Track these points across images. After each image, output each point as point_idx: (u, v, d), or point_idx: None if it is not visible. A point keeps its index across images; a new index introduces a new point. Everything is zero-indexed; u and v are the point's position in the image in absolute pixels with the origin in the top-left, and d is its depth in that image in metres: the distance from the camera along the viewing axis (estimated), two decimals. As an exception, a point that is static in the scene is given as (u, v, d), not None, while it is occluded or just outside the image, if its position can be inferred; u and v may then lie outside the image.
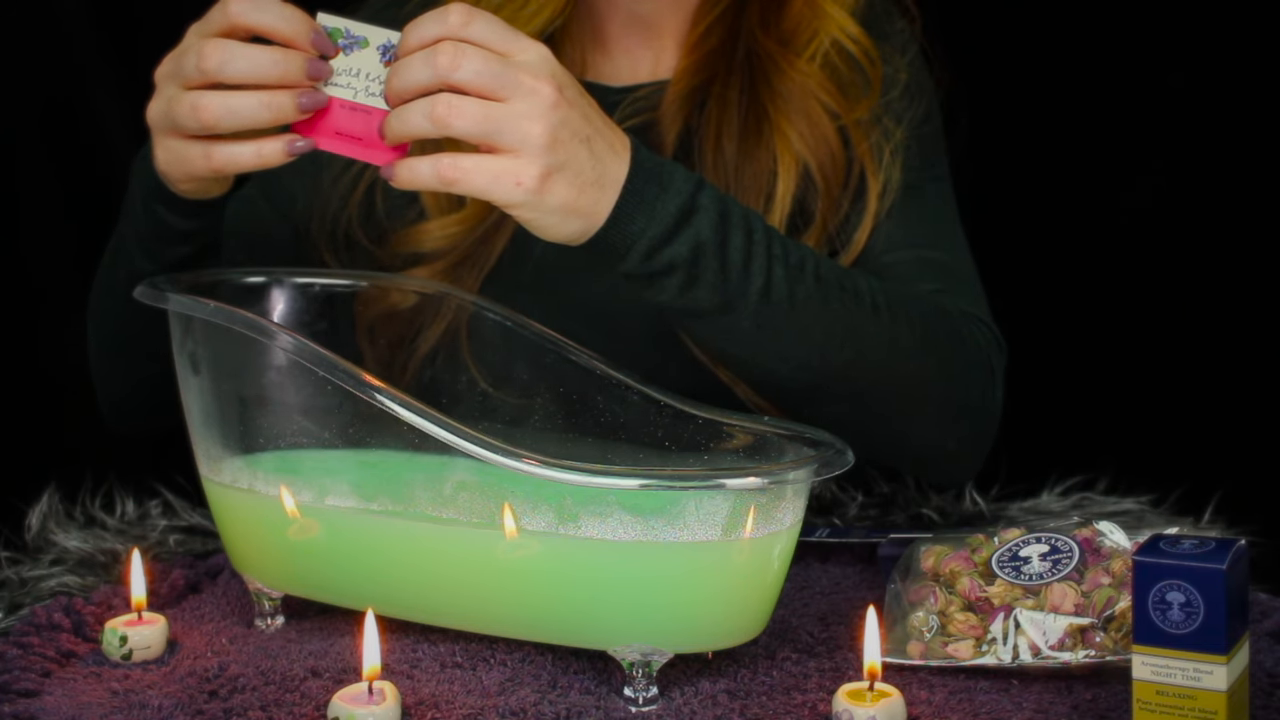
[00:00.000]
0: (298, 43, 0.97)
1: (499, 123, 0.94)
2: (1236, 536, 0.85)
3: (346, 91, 0.98)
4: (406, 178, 0.96)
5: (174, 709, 0.89)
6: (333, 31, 0.98)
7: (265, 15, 0.97)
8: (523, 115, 0.94)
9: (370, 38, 0.98)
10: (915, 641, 0.94)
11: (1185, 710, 0.81)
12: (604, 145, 0.98)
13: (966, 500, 1.18)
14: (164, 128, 1.01)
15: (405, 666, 0.94)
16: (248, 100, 0.97)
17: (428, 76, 0.94)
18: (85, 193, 1.72)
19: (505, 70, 0.94)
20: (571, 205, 0.97)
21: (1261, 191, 1.68)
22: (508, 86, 0.94)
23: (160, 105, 1.00)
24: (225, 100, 0.97)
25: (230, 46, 0.97)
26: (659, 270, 1.01)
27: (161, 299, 0.98)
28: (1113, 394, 1.71)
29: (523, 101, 0.94)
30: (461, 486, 0.92)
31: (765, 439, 0.97)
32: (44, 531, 1.13)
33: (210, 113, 0.97)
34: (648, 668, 0.89)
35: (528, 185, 0.95)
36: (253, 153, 0.98)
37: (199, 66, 0.97)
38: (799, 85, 1.21)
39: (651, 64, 1.28)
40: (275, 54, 0.97)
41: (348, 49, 0.98)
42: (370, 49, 0.98)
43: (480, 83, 0.94)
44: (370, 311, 1.16)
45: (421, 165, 0.95)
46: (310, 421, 0.98)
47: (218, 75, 0.96)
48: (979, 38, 1.57)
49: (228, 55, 0.96)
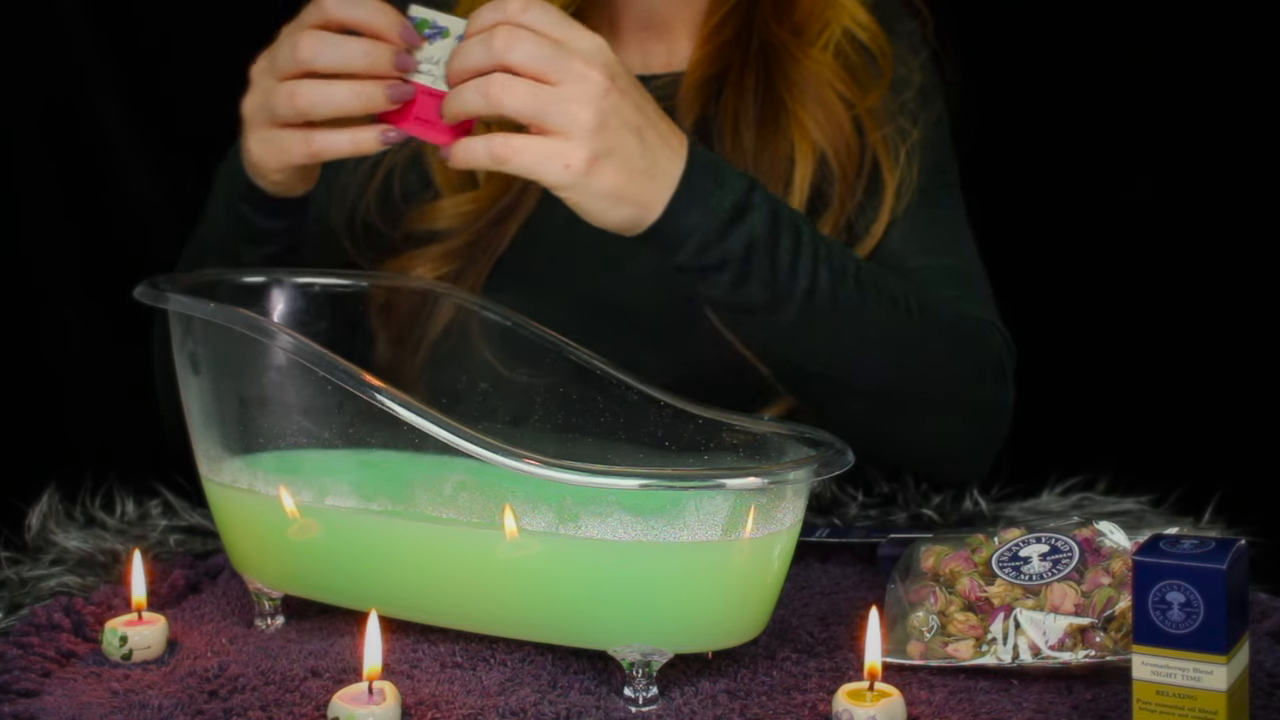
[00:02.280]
0: (386, 35, 1.02)
1: (548, 104, 0.97)
2: (1236, 536, 0.85)
3: (428, 79, 1.03)
4: (462, 156, 1.00)
5: (174, 709, 0.89)
6: (420, 23, 1.03)
7: (356, 9, 1.02)
8: (572, 99, 0.98)
9: (451, 27, 1.03)
10: (915, 641, 0.94)
11: (1185, 710, 0.81)
12: (657, 137, 1.02)
13: (966, 500, 1.18)
14: (260, 119, 1.05)
15: (405, 666, 0.94)
16: (341, 88, 1.01)
17: (484, 58, 0.98)
18: (85, 193, 1.73)
19: (557, 55, 0.98)
20: (620, 192, 1.00)
21: (1261, 192, 1.68)
22: (559, 70, 0.98)
23: (256, 98, 1.05)
24: (320, 87, 1.01)
25: (323, 37, 1.01)
26: (712, 264, 1.05)
27: (161, 299, 0.98)
28: (1113, 394, 1.71)
29: (573, 86, 0.98)
30: (461, 486, 0.92)
31: (765, 439, 0.97)
32: (44, 531, 1.13)
33: (305, 98, 1.01)
34: (648, 668, 0.89)
35: (575, 168, 0.98)
36: (348, 140, 1.03)
37: (294, 56, 1.01)
38: (813, 74, 1.23)
39: (665, 56, 1.29)
40: (364, 45, 1.01)
41: (432, 38, 1.02)
42: (451, 38, 1.02)
43: (533, 65, 0.97)
44: (372, 311, 1.16)
45: (476, 144, 0.99)
46: (310, 421, 0.98)
47: (311, 64, 1.01)
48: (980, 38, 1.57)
49: (321, 45, 1.01)
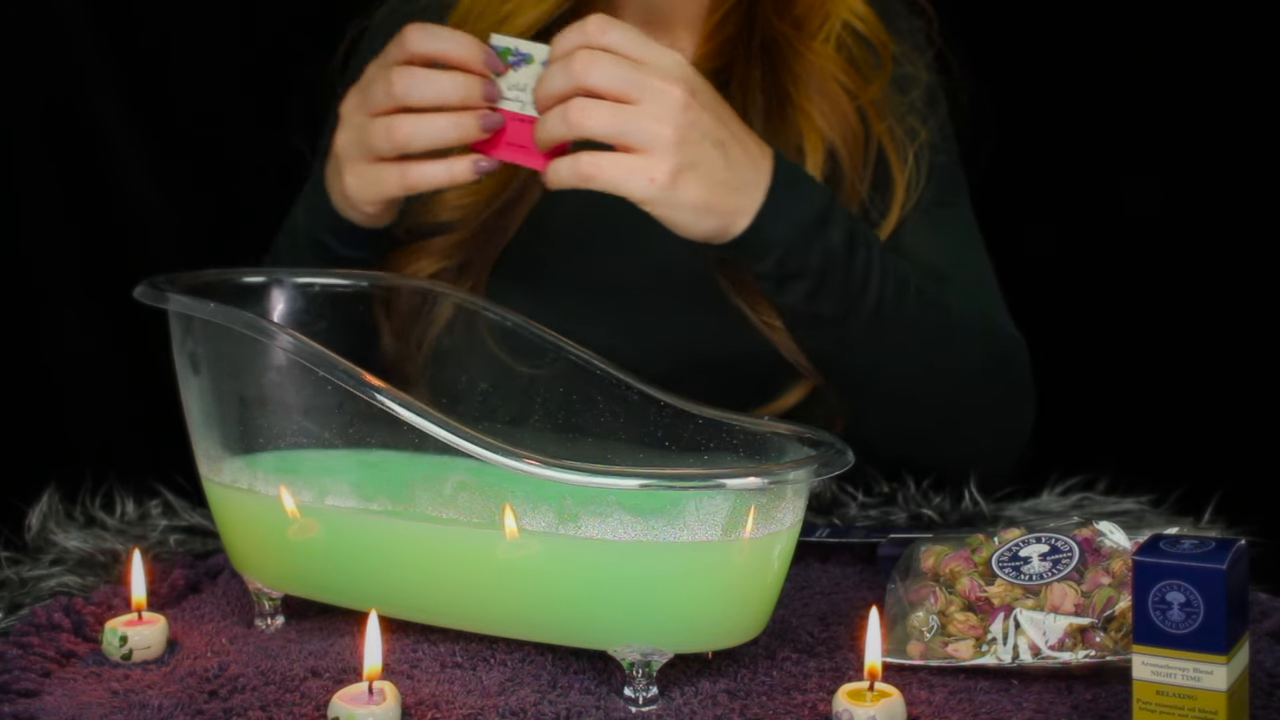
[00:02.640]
0: (472, 66, 1.04)
1: (629, 123, 1.00)
2: (1236, 536, 0.85)
3: (515, 105, 1.05)
4: (554, 178, 1.03)
5: (174, 709, 0.89)
6: (503, 50, 1.05)
7: (441, 43, 1.05)
8: (653, 116, 1.01)
9: (535, 54, 1.05)
10: (915, 641, 0.94)
11: (1185, 710, 0.81)
12: (740, 150, 1.05)
13: (966, 500, 1.18)
14: (356, 155, 1.08)
15: (405, 666, 0.94)
16: (437, 121, 1.04)
17: (565, 83, 1.01)
18: (85, 193, 1.73)
19: (636, 74, 1.01)
20: (705, 204, 1.04)
21: (1261, 193, 1.69)
22: (638, 89, 1.01)
23: (350, 134, 1.08)
24: (416, 122, 1.04)
25: (415, 73, 1.04)
26: (791, 275, 1.09)
27: (161, 299, 0.98)
28: (1113, 394, 1.71)
29: (653, 103, 1.01)
30: (461, 486, 0.92)
31: (765, 439, 0.97)
32: (44, 531, 1.12)
33: (403, 133, 1.04)
34: (648, 668, 0.89)
35: (660, 181, 1.01)
36: (444, 171, 1.06)
37: (388, 92, 1.04)
38: (816, 67, 1.24)
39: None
40: (456, 78, 1.04)
41: (516, 65, 1.05)
42: (535, 64, 1.05)
43: (612, 86, 1.00)
44: (372, 311, 1.16)
45: (562, 165, 1.02)
46: (310, 421, 0.98)
47: (405, 99, 1.04)
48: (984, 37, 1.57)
49: (413, 81, 1.04)
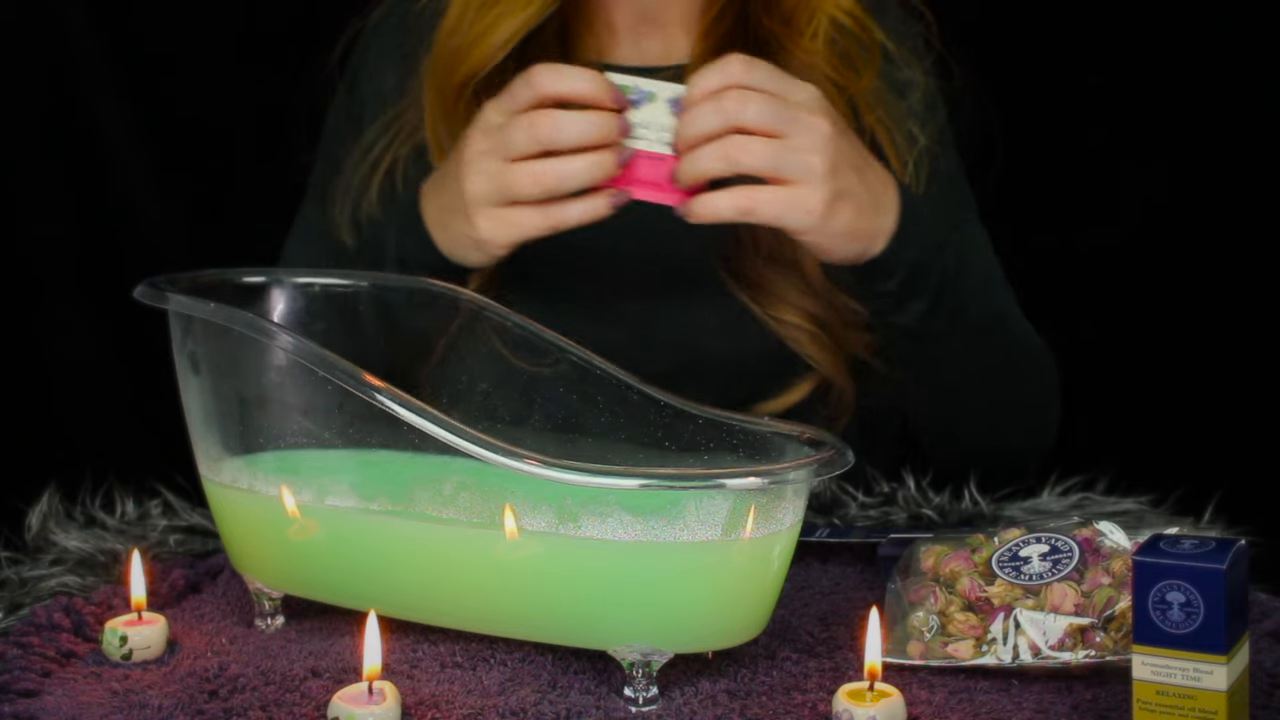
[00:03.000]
0: (603, 103, 1.05)
1: (783, 157, 1.03)
2: (1236, 536, 0.85)
3: (641, 142, 1.07)
4: (706, 212, 1.05)
5: (174, 709, 0.89)
6: (623, 88, 1.06)
7: (572, 82, 1.06)
8: (804, 149, 1.04)
9: (658, 92, 1.07)
10: (915, 641, 0.94)
11: (1185, 710, 0.81)
12: (874, 175, 1.09)
13: (966, 500, 1.18)
14: (493, 200, 1.08)
15: (405, 666, 0.94)
16: (580, 163, 1.05)
17: (717, 121, 1.03)
18: (85, 193, 1.72)
19: (784, 109, 1.03)
20: (853, 229, 1.08)
21: (1261, 193, 1.68)
22: (788, 124, 1.03)
23: (484, 180, 1.08)
24: (562, 164, 1.05)
25: (556, 115, 1.05)
26: (913, 294, 1.14)
27: (161, 299, 0.98)
28: (1113, 394, 1.71)
29: (802, 136, 1.04)
30: (461, 486, 0.92)
31: (765, 439, 0.97)
32: (44, 531, 1.12)
33: (551, 177, 1.05)
34: (648, 668, 0.89)
35: (816, 211, 1.05)
36: (584, 209, 1.07)
37: (533, 137, 1.05)
38: (805, 64, 1.25)
39: (660, 50, 1.31)
40: (596, 117, 1.05)
41: (637, 102, 1.06)
42: (659, 102, 1.07)
43: (764, 122, 1.03)
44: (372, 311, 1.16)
45: (720, 199, 1.05)
46: (310, 421, 0.98)
47: (552, 143, 1.05)
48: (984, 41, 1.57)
49: (557, 124, 1.05)
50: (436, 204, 1.14)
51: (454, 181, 1.11)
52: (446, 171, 1.14)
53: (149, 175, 1.74)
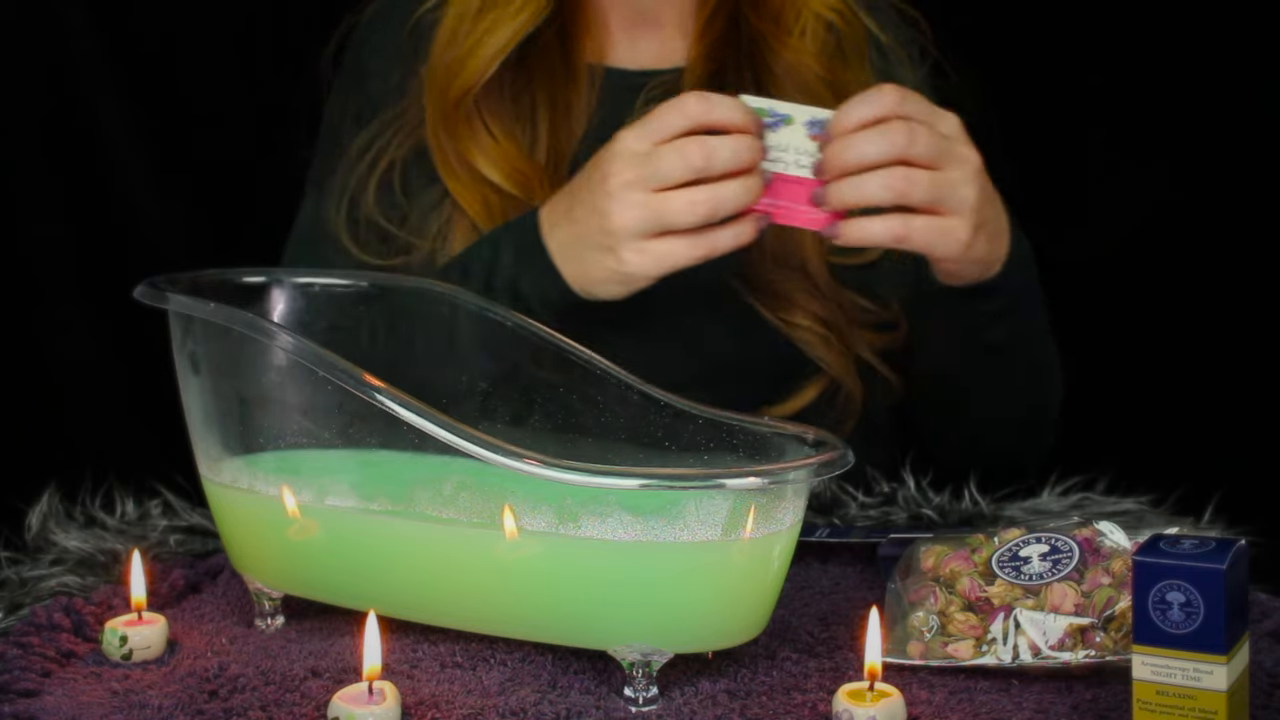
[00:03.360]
0: (750, 129, 1.05)
1: (943, 190, 1.05)
2: (1236, 536, 0.85)
3: (778, 165, 1.06)
4: (858, 237, 1.06)
5: (174, 709, 0.89)
6: (759, 111, 1.06)
7: (722, 110, 1.06)
8: (960, 182, 1.06)
9: (795, 115, 1.06)
10: (915, 641, 0.94)
11: (1185, 710, 0.81)
12: (1000, 202, 1.12)
13: (966, 500, 1.18)
14: (643, 232, 1.07)
15: (405, 666, 0.94)
16: (733, 187, 1.05)
17: (882, 152, 1.04)
18: (85, 193, 1.72)
19: (944, 142, 1.05)
20: (986, 256, 1.11)
21: (1261, 193, 1.68)
22: (945, 156, 1.05)
23: (634, 212, 1.06)
24: (715, 191, 1.05)
25: (707, 142, 1.05)
26: (1008, 312, 1.17)
27: (161, 299, 0.98)
28: (1114, 394, 1.71)
29: (958, 169, 1.06)
30: (461, 486, 0.92)
31: (765, 439, 0.97)
32: (44, 531, 1.12)
33: (706, 206, 1.05)
34: (648, 668, 0.89)
35: (964, 241, 1.07)
36: (734, 235, 1.07)
37: (687, 165, 1.04)
38: (793, 63, 1.26)
39: (656, 51, 1.31)
40: (743, 142, 1.05)
41: (774, 126, 1.06)
42: (796, 125, 1.06)
43: (927, 155, 1.04)
44: (372, 311, 1.16)
45: (874, 225, 1.06)
46: (310, 421, 0.98)
47: (705, 171, 1.05)
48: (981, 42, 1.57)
49: (710, 150, 1.04)
50: (566, 236, 1.12)
51: (592, 214, 1.08)
52: (576, 199, 1.11)
53: (149, 175, 1.74)
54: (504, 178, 1.24)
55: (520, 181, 1.24)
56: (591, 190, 1.08)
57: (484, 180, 1.25)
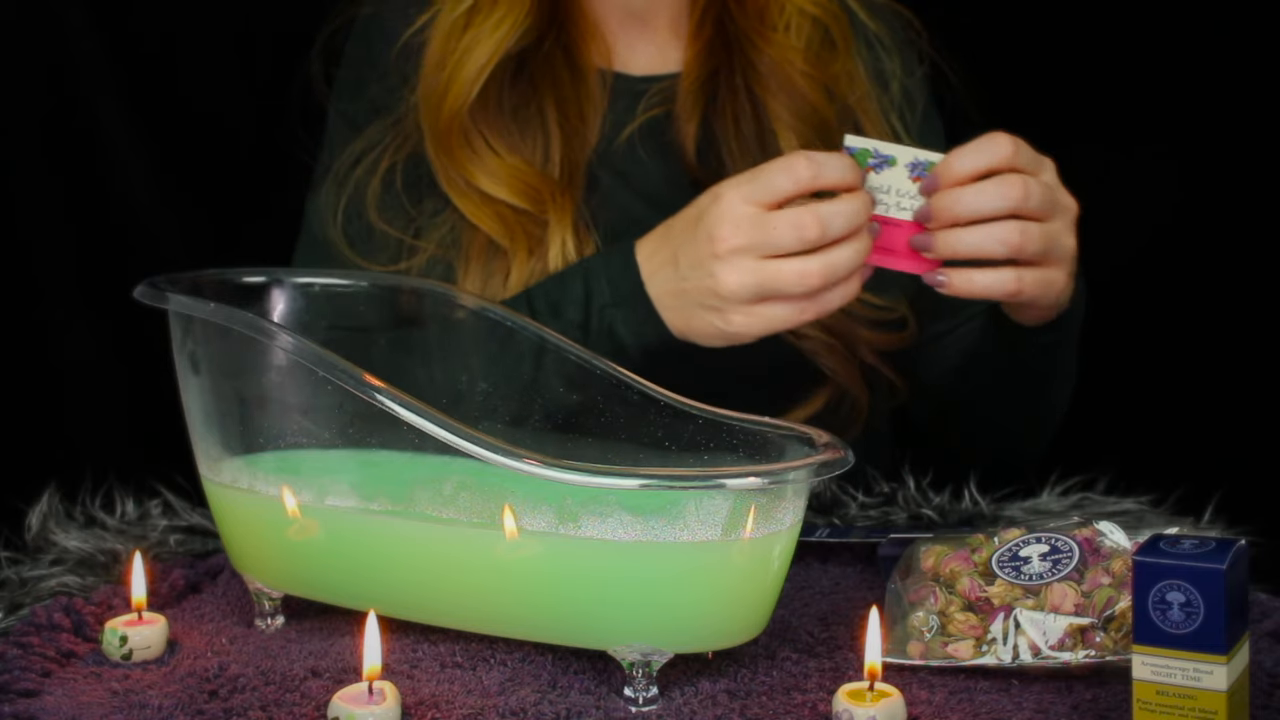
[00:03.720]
0: (857, 184, 1.04)
1: (1054, 242, 1.06)
2: (1236, 536, 0.85)
3: (879, 208, 1.05)
4: (965, 287, 1.06)
5: (174, 709, 0.89)
6: (860, 153, 1.05)
7: (831, 172, 1.04)
8: (1063, 232, 1.07)
9: (898, 156, 1.05)
10: (915, 641, 0.94)
11: (1185, 710, 0.81)
12: None
13: (966, 500, 1.18)
14: (754, 297, 1.06)
15: (405, 666, 0.94)
16: (844, 255, 1.04)
17: (996, 207, 1.03)
18: (85, 193, 1.72)
19: (1054, 196, 1.06)
20: (1062, 301, 1.11)
21: (1261, 194, 1.68)
22: (1053, 208, 1.06)
23: (743, 278, 1.05)
24: (827, 262, 1.04)
25: (822, 215, 1.03)
26: (1058, 342, 1.18)
27: (161, 299, 0.98)
28: (1114, 394, 1.71)
29: (1061, 220, 1.06)
30: (461, 486, 0.92)
31: (765, 439, 0.97)
32: (44, 531, 1.13)
33: (819, 278, 1.04)
34: (648, 668, 0.89)
35: (1062, 289, 1.09)
36: (841, 295, 1.06)
37: (803, 239, 1.03)
38: (777, 59, 1.25)
39: (652, 55, 1.30)
40: (856, 205, 1.04)
41: (877, 168, 1.05)
42: (899, 166, 1.05)
43: (1040, 210, 1.04)
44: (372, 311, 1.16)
45: (985, 277, 1.06)
46: (310, 421, 0.98)
47: (823, 240, 1.04)
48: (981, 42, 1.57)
49: (824, 223, 1.03)
50: (671, 288, 1.11)
51: (700, 273, 1.07)
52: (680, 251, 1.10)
53: (149, 175, 1.73)
54: (513, 194, 1.23)
55: (531, 196, 1.23)
56: (697, 247, 1.07)
57: (493, 198, 1.24)
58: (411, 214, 1.27)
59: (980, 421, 1.31)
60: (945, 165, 1.04)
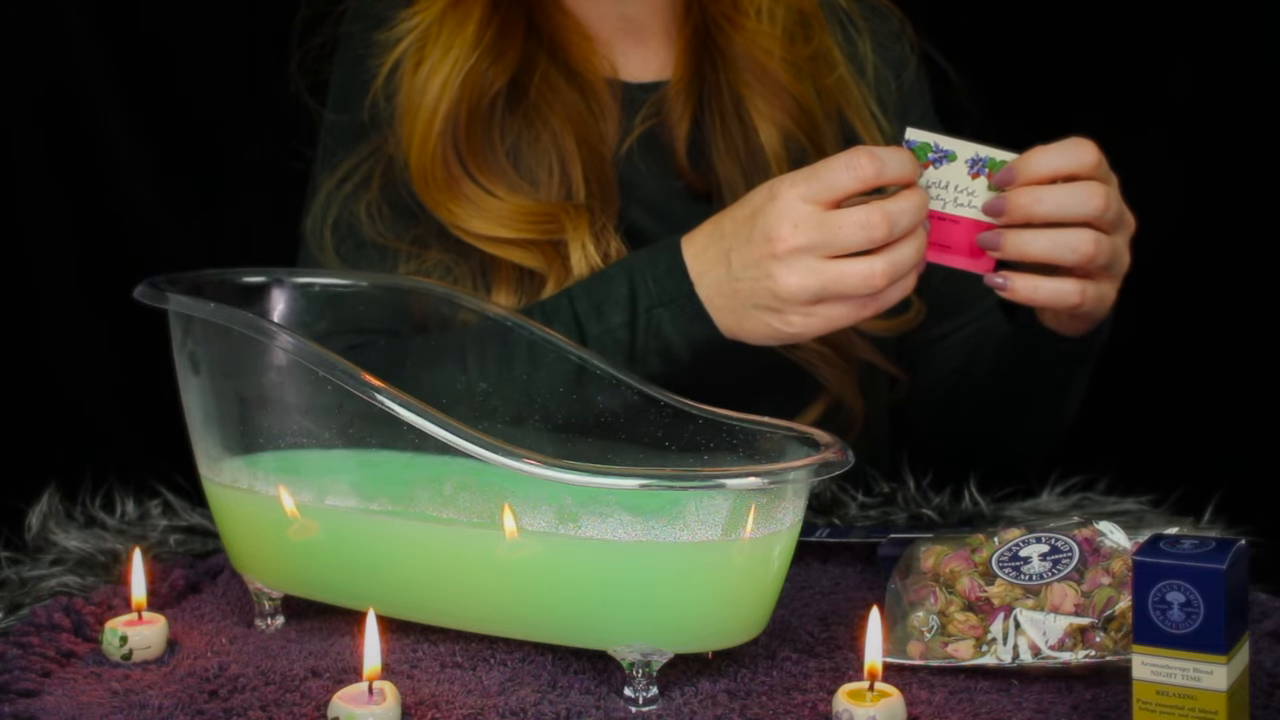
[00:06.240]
0: (914, 180, 1.03)
1: (1117, 256, 1.05)
2: (1236, 536, 0.85)
3: (937, 203, 1.04)
4: (1028, 293, 1.04)
5: (174, 709, 0.89)
6: (920, 147, 1.03)
7: (894, 168, 1.02)
8: (1124, 247, 1.06)
9: (959, 152, 1.03)
10: (915, 641, 0.94)
11: (1185, 710, 0.81)
12: None
13: (966, 500, 1.18)
14: (810, 298, 1.03)
15: (405, 666, 0.94)
16: (907, 253, 1.02)
17: (1075, 213, 1.02)
18: (85, 193, 1.72)
19: (1123, 210, 1.05)
20: (1107, 312, 1.11)
21: (1261, 194, 1.68)
22: (1121, 220, 1.05)
23: (808, 280, 1.03)
24: (892, 261, 1.02)
25: (889, 213, 1.01)
26: (1083, 354, 1.18)
27: (161, 299, 0.98)
28: (1114, 394, 1.71)
29: (1123, 234, 1.06)
30: (461, 486, 0.92)
31: (765, 439, 0.97)
32: (44, 531, 1.13)
33: (884, 277, 1.02)
34: (648, 668, 0.89)
35: (1112, 302, 1.09)
36: (900, 290, 1.04)
37: (871, 239, 1.01)
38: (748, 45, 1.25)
39: (649, 63, 1.30)
40: (918, 202, 1.02)
41: (937, 163, 1.03)
42: (959, 162, 1.03)
43: (1110, 221, 1.03)
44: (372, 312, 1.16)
45: (1049, 285, 1.04)
46: (310, 421, 0.98)
47: (888, 239, 1.01)
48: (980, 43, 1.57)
49: (893, 221, 1.01)
50: (724, 288, 1.07)
51: (757, 273, 1.04)
52: (733, 250, 1.06)
53: (149, 175, 1.74)
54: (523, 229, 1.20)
55: (543, 224, 1.20)
56: (753, 246, 1.04)
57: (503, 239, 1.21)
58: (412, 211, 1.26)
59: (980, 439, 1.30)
60: (1025, 162, 1.02)
